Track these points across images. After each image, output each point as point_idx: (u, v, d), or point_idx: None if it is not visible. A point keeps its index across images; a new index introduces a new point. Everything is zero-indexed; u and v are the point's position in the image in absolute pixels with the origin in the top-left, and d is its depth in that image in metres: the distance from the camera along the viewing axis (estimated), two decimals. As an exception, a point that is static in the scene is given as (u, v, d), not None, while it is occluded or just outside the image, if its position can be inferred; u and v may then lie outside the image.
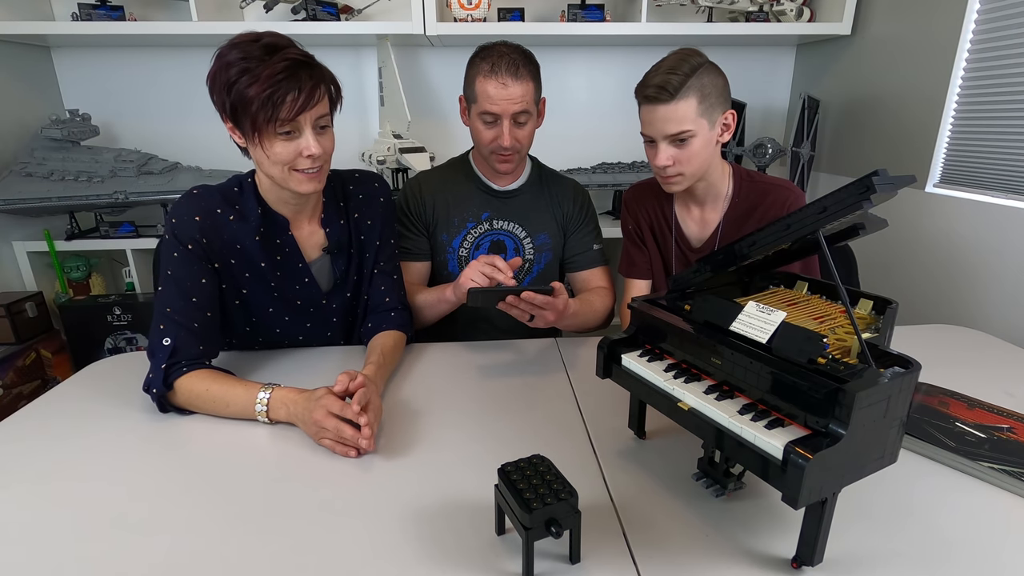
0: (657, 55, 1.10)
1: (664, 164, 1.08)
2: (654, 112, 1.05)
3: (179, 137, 2.26)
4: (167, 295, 0.96)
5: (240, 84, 0.86)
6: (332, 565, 0.62)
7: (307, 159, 0.92)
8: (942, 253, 1.61)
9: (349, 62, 2.28)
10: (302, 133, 0.91)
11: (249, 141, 0.92)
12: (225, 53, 0.89)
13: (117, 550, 0.65)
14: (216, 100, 0.91)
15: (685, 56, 1.05)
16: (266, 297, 1.08)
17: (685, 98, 1.03)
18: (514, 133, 1.23)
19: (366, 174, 1.17)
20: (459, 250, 1.36)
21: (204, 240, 0.97)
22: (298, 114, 0.88)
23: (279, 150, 0.91)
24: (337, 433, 0.81)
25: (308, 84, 0.88)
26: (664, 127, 1.05)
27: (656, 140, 1.08)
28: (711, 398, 0.64)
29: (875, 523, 0.67)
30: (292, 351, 1.16)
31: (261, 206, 1.02)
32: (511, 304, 1.04)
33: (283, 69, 0.86)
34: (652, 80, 1.04)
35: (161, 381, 0.90)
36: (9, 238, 2.03)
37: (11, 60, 2.01)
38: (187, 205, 0.98)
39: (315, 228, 1.09)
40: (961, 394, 0.93)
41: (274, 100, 0.86)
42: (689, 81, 1.02)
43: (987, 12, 1.48)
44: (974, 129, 1.54)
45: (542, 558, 0.62)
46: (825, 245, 0.63)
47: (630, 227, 1.32)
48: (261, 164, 0.95)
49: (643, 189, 1.30)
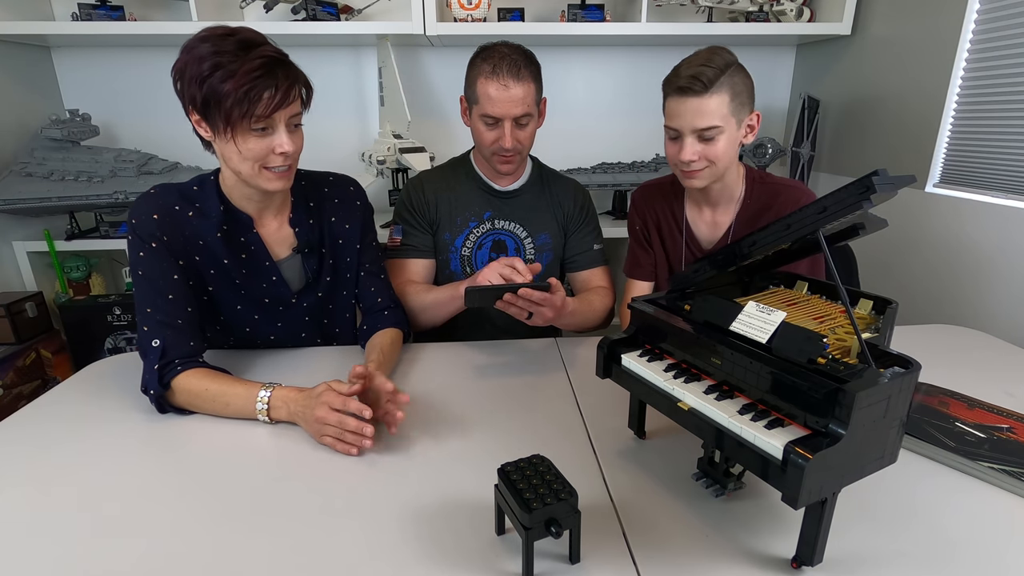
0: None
1: (689, 159, 1.06)
2: (684, 104, 1.04)
3: (179, 137, 2.23)
4: (144, 295, 0.95)
5: (214, 79, 0.86)
6: (332, 565, 0.62)
7: (279, 156, 0.93)
8: (942, 253, 1.61)
9: (349, 62, 2.28)
10: (276, 130, 0.92)
11: (219, 136, 0.91)
12: (194, 46, 0.88)
13: (117, 550, 0.65)
14: (184, 92, 0.90)
15: (718, 51, 1.04)
16: (232, 295, 1.07)
17: (718, 93, 1.01)
18: (515, 135, 1.23)
19: (340, 177, 1.17)
20: (462, 249, 1.36)
21: (165, 238, 0.97)
22: (274, 111, 0.89)
23: (252, 146, 0.91)
24: (341, 426, 0.81)
25: (284, 83, 0.89)
26: (694, 120, 1.04)
27: (683, 134, 1.06)
28: (711, 398, 0.64)
29: (875, 523, 0.67)
30: (293, 351, 1.16)
31: (223, 203, 1.01)
32: (509, 302, 1.03)
33: (260, 66, 0.86)
34: (685, 71, 1.02)
35: (157, 381, 0.90)
36: (9, 238, 2.03)
37: (11, 60, 2.01)
38: (144, 204, 0.97)
39: (283, 226, 1.08)
40: (961, 394, 0.93)
41: (251, 97, 0.86)
42: (722, 77, 1.01)
43: (987, 12, 1.48)
44: (974, 129, 1.54)
45: (542, 558, 0.62)
46: (825, 245, 0.63)
47: (637, 227, 1.31)
48: (229, 160, 0.94)
49: (652, 189, 1.29)
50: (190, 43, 0.89)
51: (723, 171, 1.10)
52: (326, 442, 0.83)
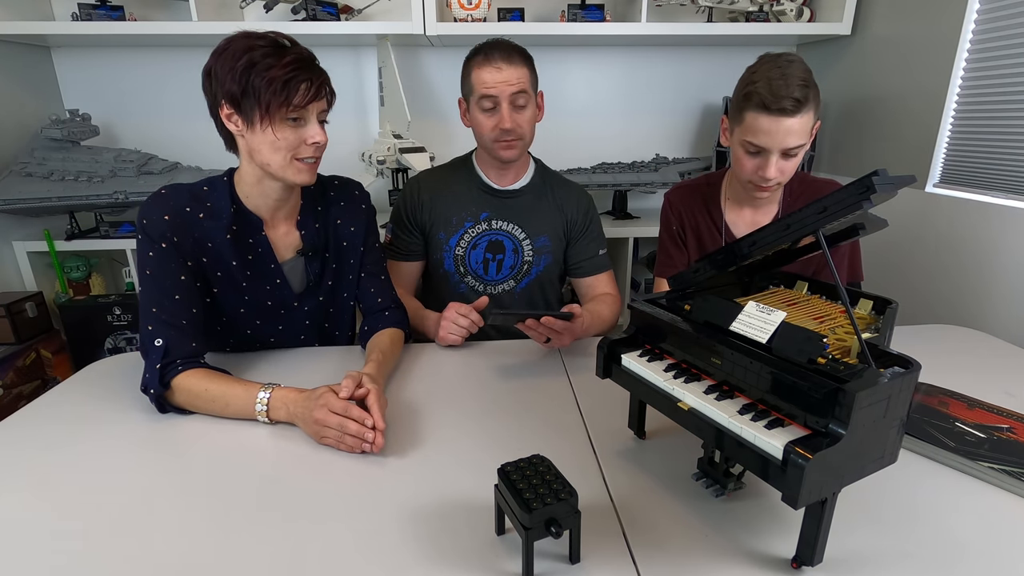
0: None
1: (774, 176, 1.05)
2: (778, 124, 1.01)
3: (179, 137, 2.26)
4: (150, 295, 0.96)
5: (254, 71, 0.89)
6: (332, 565, 0.62)
7: (311, 147, 0.96)
8: (942, 253, 1.61)
9: (349, 62, 2.28)
10: (308, 122, 0.95)
11: (251, 127, 0.93)
12: (226, 47, 0.91)
13: (118, 550, 0.65)
14: (217, 88, 0.92)
15: (796, 62, 1.01)
16: (236, 297, 1.08)
17: (807, 111, 1.00)
18: (514, 117, 1.23)
19: (346, 180, 1.17)
20: (455, 248, 1.36)
21: (175, 239, 0.97)
22: (309, 103, 0.93)
23: (287, 135, 0.94)
24: (341, 430, 0.81)
25: (318, 78, 0.94)
26: (786, 140, 1.02)
27: (770, 152, 1.04)
28: (711, 398, 0.64)
29: (875, 523, 0.67)
30: (293, 352, 1.16)
31: (235, 204, 1.02)
32: (530, 327, 1.07)
33: (296, 60, 0.91)
34: (778, 90, 0.99)
35: (158, 381, 0.90)
36: (9, 238, 2.03)
37: (11, 60, 2.01)
38: (156, 205, 0.97)
39: (291, 229, 1.09)
40: (961, 394, 0.93)
41: (290, 87, 0.90)
42: (810, 92, 0.99)
43: (987, 12, 1.48)
44: (974, 129, 1.54)
45: (542, 558, 0.62)
46: (825, 245, 0.63)
47: (674, 228, 1.30)
48: (259, 152, 0.95)
49: (689, 191, 1.29)
50: (221, 45, 0.93)
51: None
52: (325, 443, 0.83)
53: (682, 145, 2.46)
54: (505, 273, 1.40)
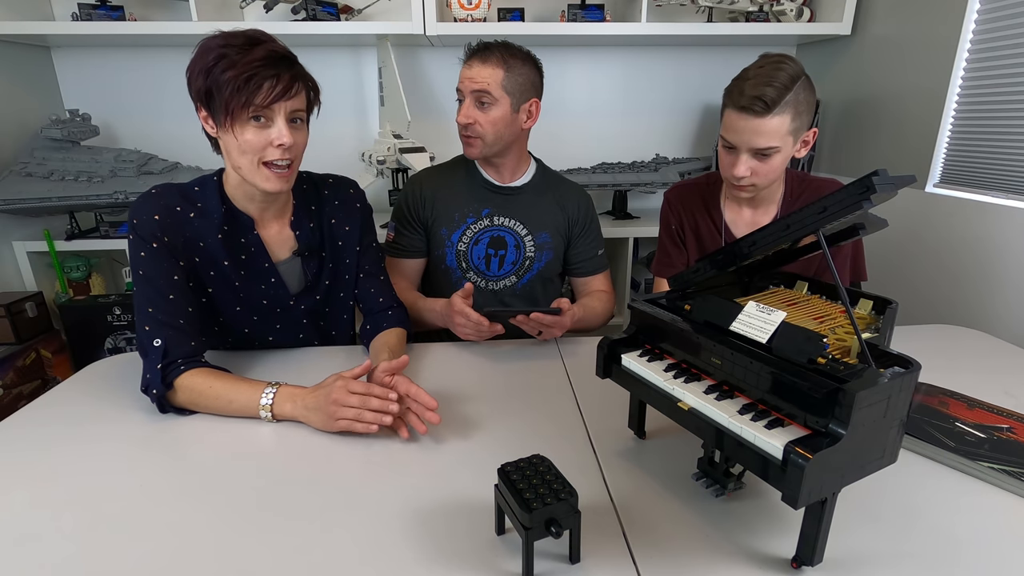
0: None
1: (742, 175, 1.06)
2: (745, 122, 1.01)
3: (179, 137, 2.26)
4: (145, 295, 0.95)
5: (217, 68, 0.87)
6: (332, 565, 0.62)
7: (277, 149, 0.92)
8: (942, 253, 1.61)
9: (349, 62, 2.28)
10: (274, 122, 0.92)
11: (221, 128, 0.92)
12: (205, 43, 0.90)
13: (118, 550, 0.65)
14: (192, 88, 0.91)
15: (784, 65, 1.00)
16: (231, 296, 1.07)
17: (780, 114, 0.99)
18: (470, 113, 1.24)
19: (340, 179, 1.17)
20: (457, 244, 1.37)
21: (166, 238, 0.97)
22: (273, 102, 0.89)
23: (250, 137, 0.91)
24: (363, 406, 0.82)
25: (287, 75, 0.90)
26: (752, 140, 1.02)
27: (739, 150, 1.05)
28: (711, 398, 0.64)
29: (875, 523, 0.67)
30: (292, 352, 1.16)
31: (225, 204, 1.01)
32: (521, 321, 1.13)
33: (263, 58, 0.88)
34: (749, 89, 0.99)
35: (160, 381, 0.90)
36: (9, 238, 2.03)
37: (11, 60, 2.01)
38: (146, 204, 0.97)
39: (284, 229, 1.08)
40: (961, 394, 0.93)
41: (250, 85, 0.87)
42: (787, 96, 0.98)
43: (987, 12, 1.48)
44: (974, 129, 1.54)
45: (542, 558, 0.62)
46: (825, 245, 0.63)
47: (673, 227, 1.30)
48: (230, 154, 0.94)
49: (688, 190, 1.29)
50: (202, 42, 0.90)
51: (771, 184, 1.10)
52: (340, 426, 0.84)
53: (682, 145, 2.46)
54: (507, 269, 1.40)
